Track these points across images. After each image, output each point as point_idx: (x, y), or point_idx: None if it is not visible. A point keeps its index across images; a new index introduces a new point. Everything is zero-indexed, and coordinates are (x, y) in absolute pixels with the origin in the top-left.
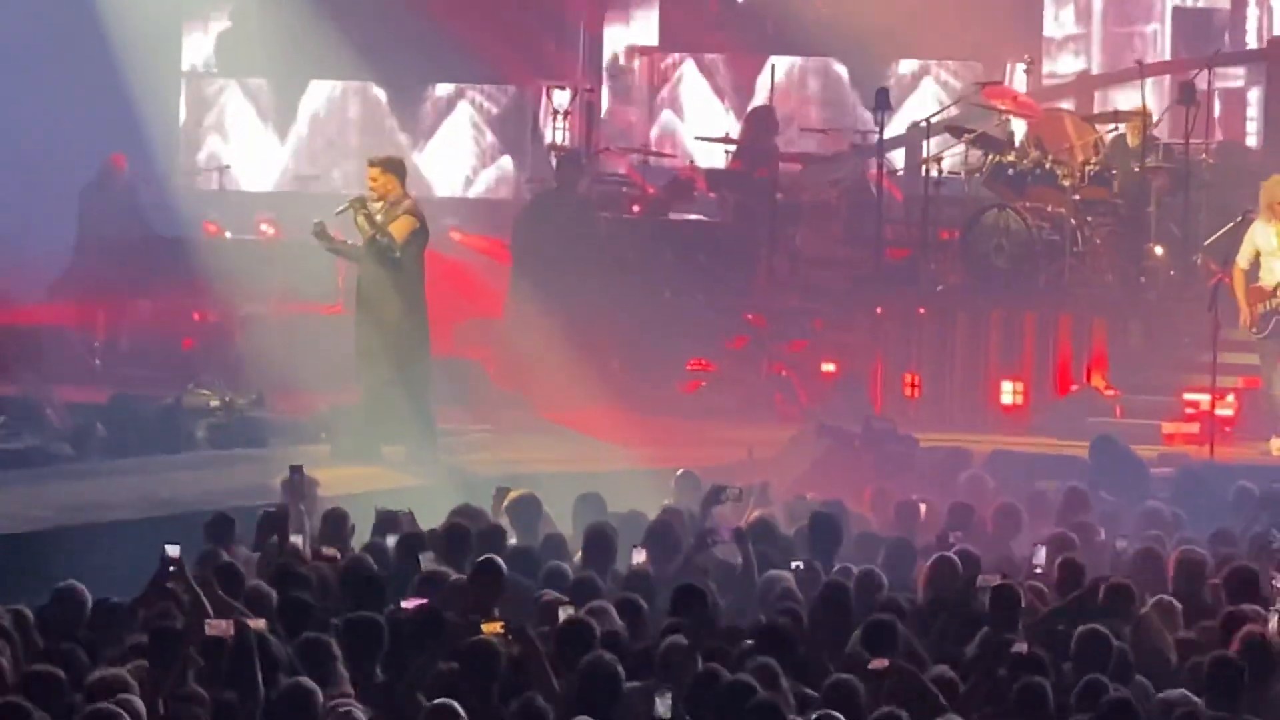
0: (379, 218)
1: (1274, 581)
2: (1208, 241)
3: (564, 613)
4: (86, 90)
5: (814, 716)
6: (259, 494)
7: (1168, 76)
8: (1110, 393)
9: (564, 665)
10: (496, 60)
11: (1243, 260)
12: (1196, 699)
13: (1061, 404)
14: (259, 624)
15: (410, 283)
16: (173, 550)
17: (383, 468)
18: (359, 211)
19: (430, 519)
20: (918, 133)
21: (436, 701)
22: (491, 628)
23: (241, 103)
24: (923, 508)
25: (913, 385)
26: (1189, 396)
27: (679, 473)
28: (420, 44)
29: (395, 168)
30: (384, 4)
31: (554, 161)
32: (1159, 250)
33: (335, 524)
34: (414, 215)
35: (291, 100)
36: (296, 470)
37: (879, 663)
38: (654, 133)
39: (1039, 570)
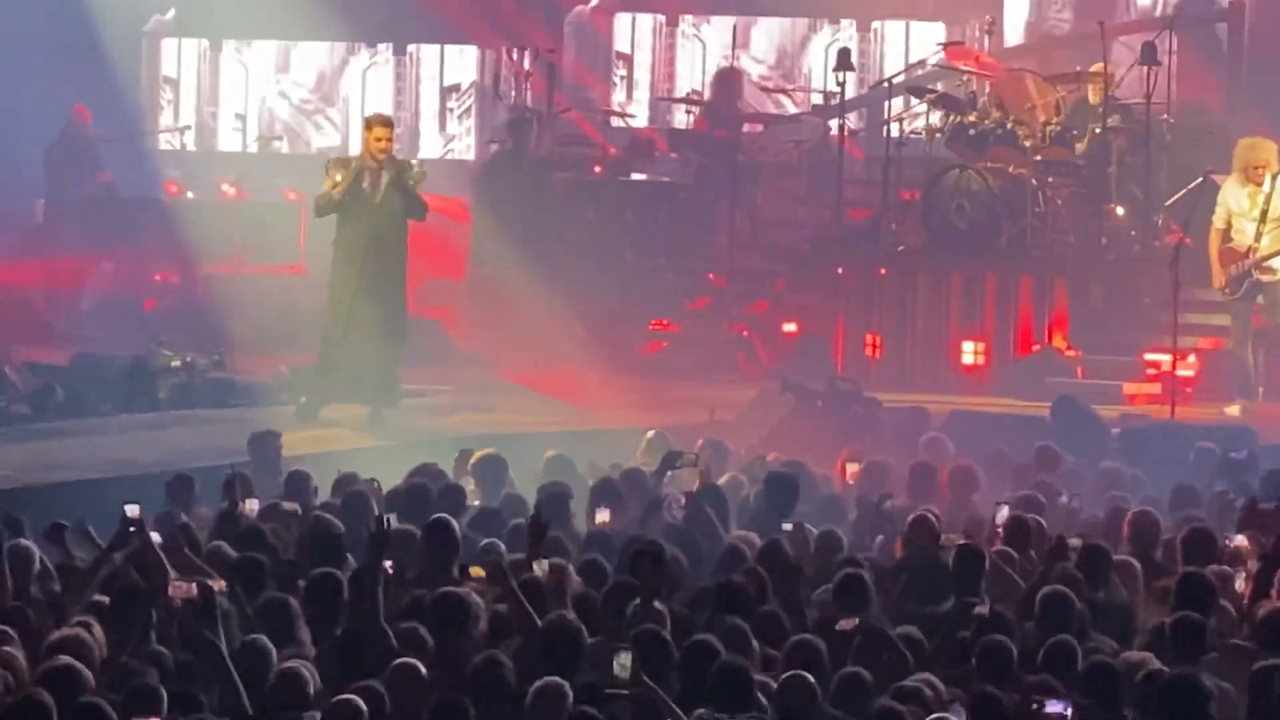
0: (407, 176)
1: (1231, 543)
2: (1168, 202)
3: (538, 569)
4: (48, 50)
5: (782, 677)
6: (221, 454)
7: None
8: (1071, 353)
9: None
10: (457, 20)
11: (1218, 220)
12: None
13: (1022, 364)
14: (219, 584)
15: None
16: (132, 510)
17: (344, 428)
18: (395, 175)
19: (392, 479)
20: (879, 93)
21: (398, 661)
22: (476, 571)
23: (202, 62)
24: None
25: (874, 346)
26: (1150, 357)
27: (649, 434)
28: (381, 3)
29: None
30: None
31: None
32: (1120, 210)
33: (297, 484)
34: (425, 175)
35: (253, 60)
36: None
37: (847, 623)
38: (615, 93)
39: (1000, 530)
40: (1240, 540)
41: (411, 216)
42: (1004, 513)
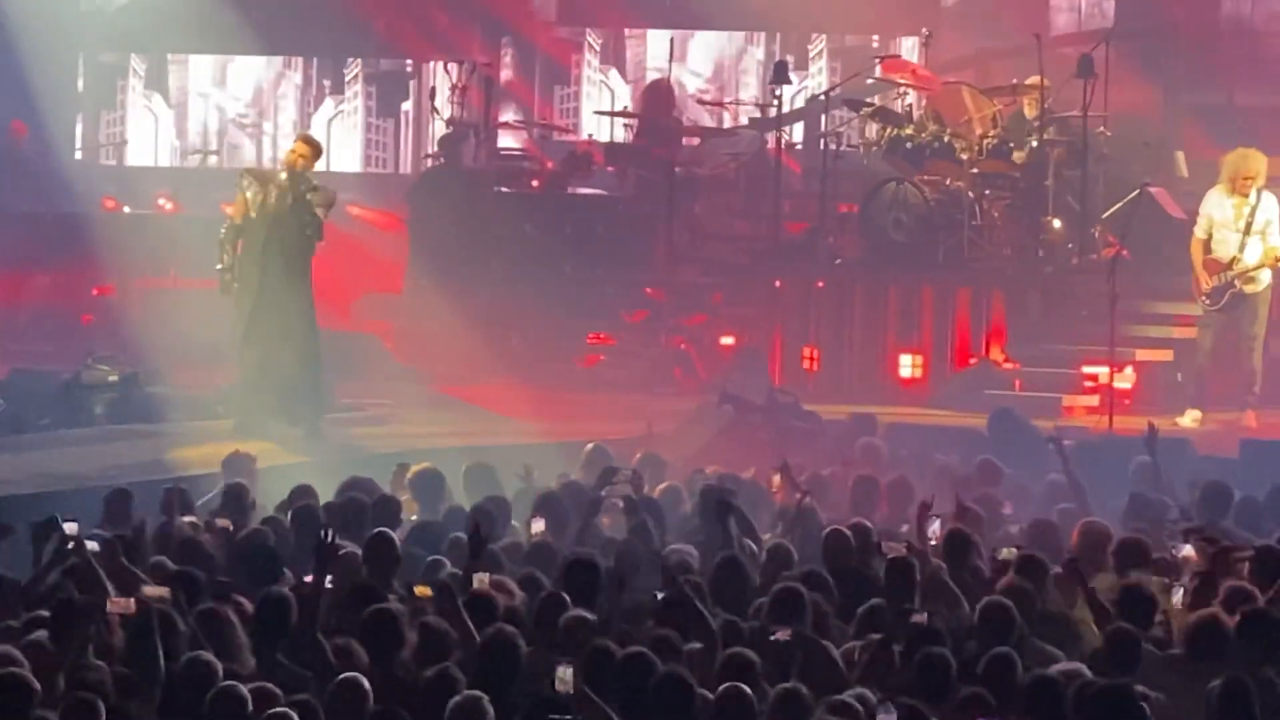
0: (312, 196)
1: (1179, 553)
2: (1106, 214)
3: (479, 582)
4: None
5: (720, 689)
6: (158, 469)
7: None
8: (1009, 365)
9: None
10: (393, 34)
11: (1199, 231)
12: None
13: (960, 377)
14: (162, 592)
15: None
16: (70, 527)
17: (280, 443)
18: (295, 187)
19: (329, 493)
20: (816, 106)
21: (343, 676)
22: (422, 591)
23: (139, 77)
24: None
25: (811, 358)
26: (1088, 369)
27: (589, 447)
28: (315, 17)
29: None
30: None
31: (438, 137)
32: (1057, 223)
33: (235, 499)
34: (332, 201)
35: (188, 75)
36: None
37: (783, 633)
38: (552, 107)
39: (934, 543)
40: (1187, 550)
41: (315, 230)
42: (936, 525)
